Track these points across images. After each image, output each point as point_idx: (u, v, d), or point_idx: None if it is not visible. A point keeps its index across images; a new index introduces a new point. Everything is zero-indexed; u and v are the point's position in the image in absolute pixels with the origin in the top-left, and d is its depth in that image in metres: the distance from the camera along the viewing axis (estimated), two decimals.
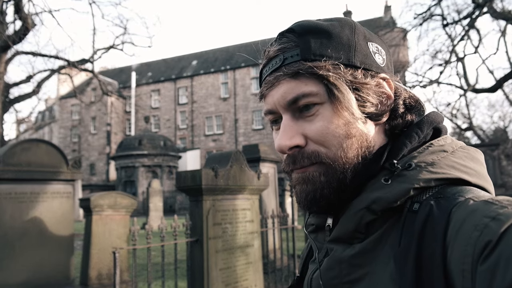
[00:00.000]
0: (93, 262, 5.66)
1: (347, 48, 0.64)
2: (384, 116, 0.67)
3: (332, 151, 0.63)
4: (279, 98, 0.65)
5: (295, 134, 0.64)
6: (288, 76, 0.64)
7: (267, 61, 0.68)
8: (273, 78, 0.65)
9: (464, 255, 0.49)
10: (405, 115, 0.68)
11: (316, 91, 0.62)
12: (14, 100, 15.21)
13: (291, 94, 0.63)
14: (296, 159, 0.65)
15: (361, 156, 0.63)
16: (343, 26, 0.65)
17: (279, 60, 0.65)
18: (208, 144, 39.85)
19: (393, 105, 0.67)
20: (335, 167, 0.63)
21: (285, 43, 0.65)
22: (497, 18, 11.99)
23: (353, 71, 0.64)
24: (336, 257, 0.63)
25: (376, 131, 0.67)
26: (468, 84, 16.10)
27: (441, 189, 0.59)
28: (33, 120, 41.41)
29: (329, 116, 0.63)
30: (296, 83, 0.63)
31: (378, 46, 0.68)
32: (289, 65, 0.64)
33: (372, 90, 0.65)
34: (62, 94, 45.75)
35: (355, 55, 0.64)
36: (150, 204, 15.10)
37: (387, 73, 0.68)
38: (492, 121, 31.53)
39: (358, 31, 0.66)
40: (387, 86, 0.67)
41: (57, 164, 5.32)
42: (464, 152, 0.64)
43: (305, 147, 0.64)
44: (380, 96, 0.66)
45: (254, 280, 4.07)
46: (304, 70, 0.62)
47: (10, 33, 11.59)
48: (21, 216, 4.92)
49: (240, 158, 4.11)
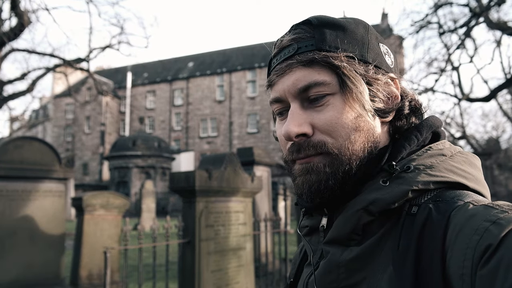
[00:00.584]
0: (84, 261, 5.61)
1: (361, 44, 0.65)
2: (390, 114, 0.67)
3: (339, 141, 0.62)
4: (290, 85, 0.64)
5: (303, 122, 0.63)
6: (301, 64, 0.63)
7: (278, 50, 0.68)
8: (285, 65, 0.65)
9: (464, 259, 0.49)
10: (410, 117, 0.69)
11: (329, 80, 0.62)
12: (8, 98, 15.09)
13: (303, 82, 0.63)
14: (301, 147, 0.64)
15: (367, 150, 0.63)
16: (358, 24, 0.67)
17: (293, 49, 0.65)
18: (202, 146, 39.79)
19: (400, 106, 0.68)
20: (341, 158, 0.62)
21: (300, 33, 0.65)
22: (493, 28, 12.10)
23: (366, 66, 0.64)
24: (333, 261, 0.62)
25: (382, 129, 0.67)
26: (463, 93, 16.21)
27: (439, 193, 0.59)
28: (26, 118, 41.10)
29: (339, 107, 0.63)
30: (309, 71, 0.63)
31: (388, 49, 0.70)
32: (303, 54, 0.63)
33: (382, 87, 0.66)
34: (56, 92, 45.52)
35: (368, 51, 0.65)
36: (143, 205, 15.02)
37: (396, 74, 0.69)
38: (485, 130, 31.78)
39: (371, 31, 0.68)
40: (395, 86, 0.68)
41: (49, 162, 5.28)
42: (463, 157, 0.64)
43: (311, 137, 0.63)
44: (388, 94, 0.66)
45: (245, 283, 4.05)
46: (319, 59, 0.62)
47: (5, 30, 11.51)
48: (12, 214, 4.87)
49: (234, 161, 4.10)
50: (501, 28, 11.66)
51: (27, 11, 11.33)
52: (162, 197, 27.11)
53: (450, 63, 15.61)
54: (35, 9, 11.95)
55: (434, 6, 12.82)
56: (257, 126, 38.03)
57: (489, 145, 27.54)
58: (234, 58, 41.67)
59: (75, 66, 16.03)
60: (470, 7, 11.75)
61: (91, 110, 42.67)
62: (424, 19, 13.43)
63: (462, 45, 14.11)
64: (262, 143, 36.67)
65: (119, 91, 45.17)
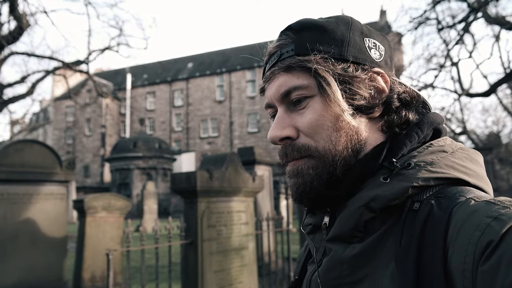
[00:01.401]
0: (86, 264, 5.61)
1: (340, 43, 0.65)
2: (377, 110, 0.67)
3: (321, 144, 0.64)
4: (274, 91, 0.67)
5: (286, 126, 0.66)
6: (282, 70, 0.66)
7: (268, 58, 0.71)
8: (269, 72, 0.69)
9: (465, 255, 0.49)
10: (400, 110, 0.68)
11: (307, 84, 0.64)
12: (8, 101, 15.09)
13: (284, 87, 0.66)
14: (287, 151, 0.67)
15: (351, 149, 0.64)
16: (339, 22, 0.67)
17: (277, 56, 0.68)
18: (203, 146, 39.79)
19: (387, 100, 0.67)
20: (324, 160, 0.64)
21: (283, 40, 0.68)
22: (491, 23, 12.08)
23: (344, 65, 0.65)
24: (336, 258, 0.62)
25: (370, 126, 0.67)
26: (463, 89, 16.20)
27: (441, 189, 0.59)
28: (27, 121, 41.11)
29: (318, 109, 0.64)
30: (288, 76, 0.65)
31: (376, 42, 0.69)
32: (284, 60, 0.66)
33: (364, 83, 0.65)
34: (56, 95, 45.54)
35: (348, 49, 0.65)
36: (145, 206, 15.01)
37: (383, 68, 0.68)
38: (486, 125, 31.78)
39: (355, 27, 0.67)
40: (382, 80, 0.67)
41: (50, 165, 5.28)
42: (464, 153, 0.64)
43: (296, 140, 0.66)
44: (371, 90, 0.66)
45: (248, 282, 4.05)
46: (294, 64, 0.64)
47: (4, 33, 11.51)
48: (14, 218, 4.87)
49: (235, 160, 4.09)
50: (500, 23, 11.64)
51: (25, 14, 11.33)
52: (164, 198, 27.11)
53: (449, 58, 15.59)
54: (33, 12, 11.96)
55: (432, 2, 12.79)
56: (258, 126, 38.02)
57: (490, 140, 27.53)
58: (234, 58, 41.66)
59: (75, 69, 16.04)
60: (468, 2, 11.73)
61: (91, 112, 42.68)
62: (422, 15, 13.41)
63: (461, 41, 14.08)
64: (263, 142, 36.66)
65: (119, 92, 45.17)
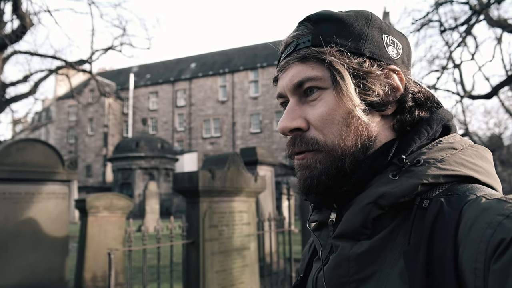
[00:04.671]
0: (88, 264, 5.61)
1: (358, 37, 0.64)
2: (390, 107, 0.66)
3: (330, 138, 0.63)
4: (287, 81, 0.67)
5: (297, 117, 0.65)
6: (297, 60, 0.65)
7: (283, 47, 0.70)
8: (284, 62, 0.68)
9: (476, 253, 0.48)
10: (414, 110, 0.67)
11: (320, 75, 0.63)
12: (10, 100, 15.10)
13: (297, 78, 0.65)
14: (295, 142, 0.66)
15: (360, 145, 0.63)
16: (358, 16, 0.66)
17: (293, 45, 0.67)
18: (205, 147, 39.82)
19: (401, 98, 0.66)
20: (332, 155, 0.63)
21: (301, 30, 0.68)
22: (493, 26, 12.04)
23: (360, 60, 0.64)
24: (343, 255, 0.61)
25: (381, 123, 0.66)
26: (465, 91, 16.15)
27: (450, 187, 0.58)
28: (29, 120, 41.20)
29: (331, 103, 0.63)
30: (303, 67, 0.65)
31: (395, 40, 0.68)
32: (300, 50, 0.65)
33: (378, 79, 0.64)
34: (59, 94, 45.64)
35: (365, 44, 0.64)
36: (147, 206, 15.02)
37: (399, 66, 0.67)
38: (488, 127, 31.62)
39: (374, 22, 0.66)
40: (397, 78, 0.66)
41: (52, 164, 5.27)
42: (474, 150, 0.63)
43: (306, 132, 0.65)
44: (385, 87, 0.65)
45: (250, 283, 4.04)
46: (310, 55, 0.64)
47: (7, 32, 11.53)
48: (15, 217, 4.87)
49: (237, 161, 4.09)
50: (502, 26, 11.61)
51: (28, 13, 11.34)
52: (166, 198, 27.13)
53: (452, 60, 15.57)
54: (36, 11, 11.95)
55: (435, 4, 12.78)
56: (260, 126, 38.02)
57: (491, 142, 27.44)
58: (236, 59, 41.69)
59: (78, 68, 16.04)
60: (470, 5, 11.70)
61: (93, 112, 42.76)
62: (425, 17, 13.40)
63: (463, 43, 14.07)
64: (265, 143, 36.67)
65: (121, 92, 45.26)
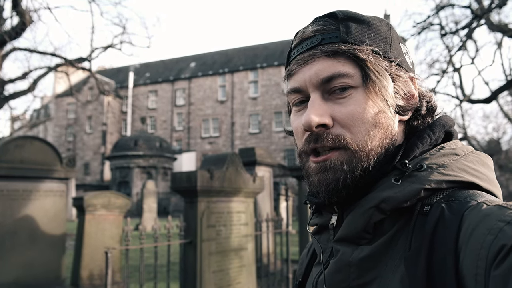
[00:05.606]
0: (85, 262, 5.60)
1: (385, 41, 0.65)
2: (409, 113, 0.67)
3: (358, 137, 0.61)
4: (312, 75, 0.63)
5: (324, 113, 0.62)
6: (325, 54, 0.62)
7: (300, 41, 0.66)
8: (307, 55, 0.64)
9: (477, 259, 0.48)
10: (426, 117, 0.68)
11: (352, 73, 0.62)
12: (9, 97, 15.06)
13: (327, 72, 0.62)
14: (319, 137, 0.62)
15: (384, 147, 0.63)
16: (381, 21, 0.67)
17: (316, 39, 0.64)
18: (204, 146, 39.78)
19: (417, 106, 0.67)
20: (360, 155, 0.61)
21: (324, 25, 0.65)
22: (494, 30, 12.07)
23: (389, 63, 0.64)
24: (344, 260, 0.61)
25: (399, 127, 0.66)
26: (464, 95, 16.19)
27: (452, 192, 0.58)
28: (28, 117, 41.11)
29: (361, 101, 0.62)
30: (333, 62, 0.62)
31: (407, 50, 0.70)
32: (328, 45, 0.63)
33: (403, 84, 0.65)
34: (58, 92, 45.54)
35: (391, 49, 0.65)
36: (144, 205, 15.00)
37: (415, 75, 0.69)
38: (486, 132, 31.70)
39: (393, 30, 0.68)
40: (414, 86, 0.67)
41: (50, 162, 5.27)
42: (475, 156, 0.64)
43: (331, 129, 0.62)
44: (407, 93, 0.66)
45: (247, 283, 4.03)
46: (344, 50, 0.62)
47: (6, 28, 11.50)
48: (12, 214, 4.86)
49: (236, 161, 4.08)
50: (502, 30, 11.65)
51: (28, 10, 11.31)
52: (164, 197, 27.12)
53: (452, 64, 15.60)
54: (36, 8, 11.94)
55: (436, 7, 12.81)
56: (259, 127, 38.00)
57: (490, 147, 27.50)
58: (236, 59, 41.67)
59: (77, 66, 16.01)
60: (472, 9, 11.73)
61: (92, 110, 42.67)
62: (426, 20, 13.43)
63: (463, 47, 14.10)
64: (264, 143, 36.65)
65: (121, 91, 45.18)
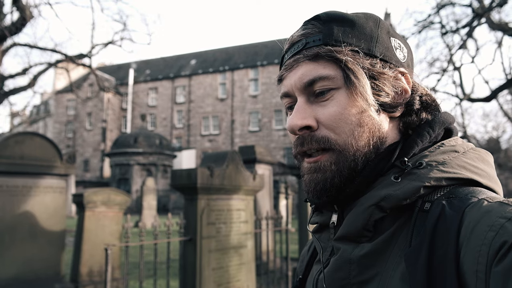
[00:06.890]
0: (85, 258, 5.60)
1: (369, 38, 0.65)
2: (399, 109, 0.66)
3: (343, 138, 0.62)
4: (296, 80, 0.65)
5: (307, 116, 0.64)
6: (307, 59, 0.64)
7: (289, 46, 0.69)
8: (293, 60, 0.66)
9: (478, 255, 0.48)
10: (420, 112, 0.68)
11: (333, 75, 0.63)
12: (9, 93, 15.06)
13: (308, 76, 0.63)
14: (304, 141, 0.64)
15: (372, 146, 0.63)
16: (368, 18, 0.67)
17: (301, 44, 0.66)
18: (204, 144, 39.78)
19: (409, 100, 0.67)
20: (345, 155, 0.62)
21: (309, 29, 0.66)
22: (494, 29, 12.06)
23: (372, 60, 0.64)
24: (345, 257, 0.61)
25: (390, 125, 0.66)
26: (464, 93, 16.20)
27: (452, 189, 0.59)
28: (27, 113, 41.11)
29: (343, 102, 0.63)
30: (314, 65, 0.63)
31: (400, 43, 0.69)
32: (310, 49, 0.64)
33: (389, 81, 0.65)
34: (58, 88, 45.52)
35: (376, 45, 0.65)
36: (144, 202, 15.00)
37: (406, 69, 0.68)
38: (486, 130, 31.81)
39: (382, 25, 0.67)
40: (405, 81, 0.67)
41: (50, 158, 5.26)
42: (475, 153, 0.64)
43: (315, 131, 0.63)
44: (396, 88, 0.66)
45: (246, 281, 4.04)
46: (323, 53, 0.63)
47: (7, 24, 11.48)
48: (12, 210, 4.86)
49: (236, 159, 4.08)
50: (503, 29, 11.64)
51: (29, 5, 11.30)
52: (163, 194, 27.13)
53: (452, 63, 15.61)
54: (37, 4, 11.95)
55: (436, 6, 12.80)
56: (259, 125, 38.00)
57: (489, 145, 27.54)
58: (237, 56, 41.63)
59: (77, 62, 16.01)
60: (473, 8, 11.72)
61: (92, 106, 42.65)
62: (426, 19, 13.43)
63: (464, 46, 14.09)
64: (264, 141, 36.66)
65: (121, 87, 45.14)
